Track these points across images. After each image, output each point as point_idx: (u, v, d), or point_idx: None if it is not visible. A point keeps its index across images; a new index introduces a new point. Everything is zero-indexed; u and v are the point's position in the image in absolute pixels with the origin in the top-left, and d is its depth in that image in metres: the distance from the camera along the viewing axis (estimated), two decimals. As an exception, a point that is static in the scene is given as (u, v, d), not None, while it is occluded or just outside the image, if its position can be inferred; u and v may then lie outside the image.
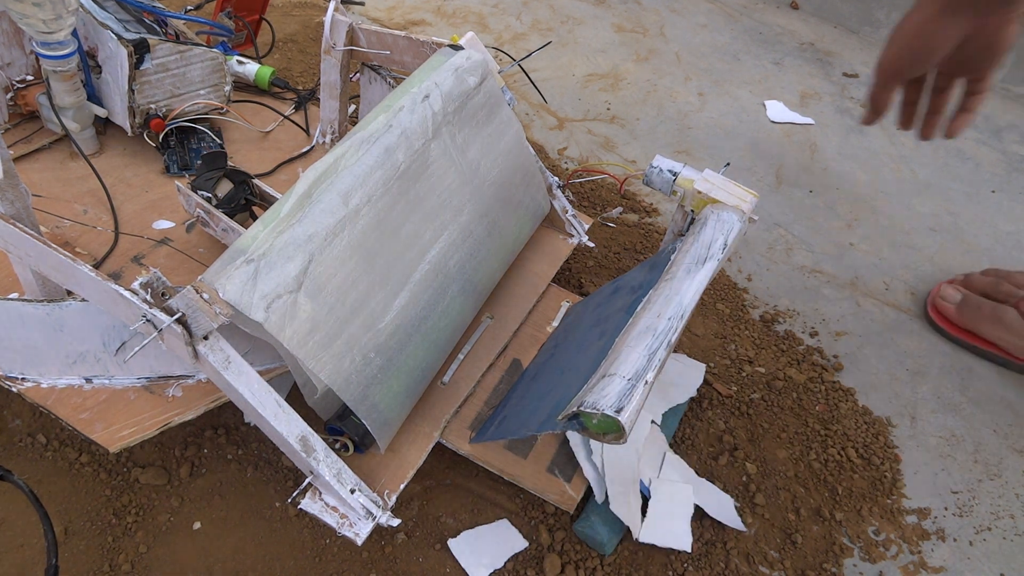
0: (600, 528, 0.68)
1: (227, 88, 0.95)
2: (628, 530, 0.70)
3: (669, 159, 0.73)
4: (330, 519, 0.60)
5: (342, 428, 0.63)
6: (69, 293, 0.68)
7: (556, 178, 0.87)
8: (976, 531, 0.77)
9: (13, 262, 0.69)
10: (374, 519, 0.60)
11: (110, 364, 0.66)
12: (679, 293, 0.60)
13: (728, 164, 0.79)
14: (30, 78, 0.92)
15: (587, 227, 0.89)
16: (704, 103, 1.32)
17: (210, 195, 0.79)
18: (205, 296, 0.53)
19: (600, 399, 0.51)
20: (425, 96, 0.70)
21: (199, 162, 0.90)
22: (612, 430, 0.52)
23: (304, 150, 0.98)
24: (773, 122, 1.29)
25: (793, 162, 1.21)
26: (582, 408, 0.52)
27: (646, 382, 0.53)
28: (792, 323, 0.95)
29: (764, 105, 1.33)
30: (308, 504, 0.61)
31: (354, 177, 0.63)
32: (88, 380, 0.67)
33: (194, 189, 0.79)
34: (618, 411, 0.50)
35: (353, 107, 1.05)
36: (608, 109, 1.28)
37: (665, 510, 0.71)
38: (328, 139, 0.98)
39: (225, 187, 0.80)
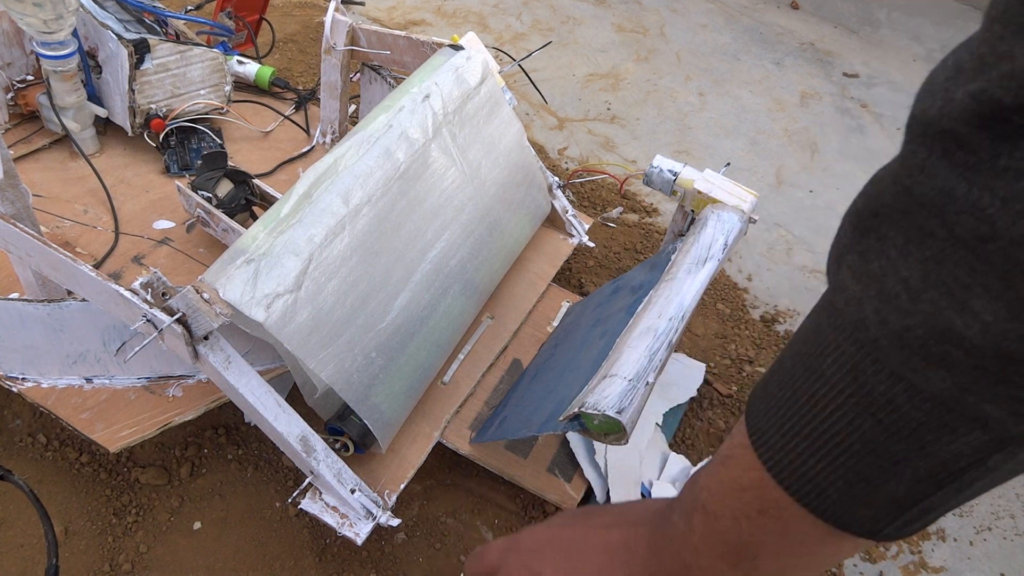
0: (600, 528, 0.68)
1: (227, 88, 0.95)
2: (628, 530, 0.70)
3: (669, 159, 0.73)
4: (330, 519, 0.60)
5: (342, 428, 0.63)
6: (69, 293, 0.68)
7: (556, 178, 0.87)
8: (976, 531, 0.77)
9: (13, 262, 0.69)
10: (374, 519, 0.60)
11: (110, 364, 0.66)
12: (680, 293, 0.60)
13: (728, 164, 0.79)
14: (30, 78, 0.92)
15: (587, 227, 0.89)
16: (704, 103, 1.32)
17: (210, 195, 0.79)
18: (205, 296, 0.53)
19: (601, 400, 0.51)
20: (425, 96, 0.70)
21: (199, 162, 0.90)
22: (613, 431, 0.52)
23: (304, 150, 0.98)
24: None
25: (793, 162, 1.21)
26: (583, 409, 0.52)
27: (647, 383, 0.52)
28: (792, 323, 0.95)
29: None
30: (308, 504, 0.61)
31: (354, 177, 0.63)
32: (88, 380, 0.67)
33: (194, 189, 0.79)
34: (619, 412, 0.50)
35: (353, 107, 1.05)
36: (608, 109, 1.28)
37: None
38: (328, 139, 0.98)
39: (225, 187, 0.80)
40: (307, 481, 0.61)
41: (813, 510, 0.25)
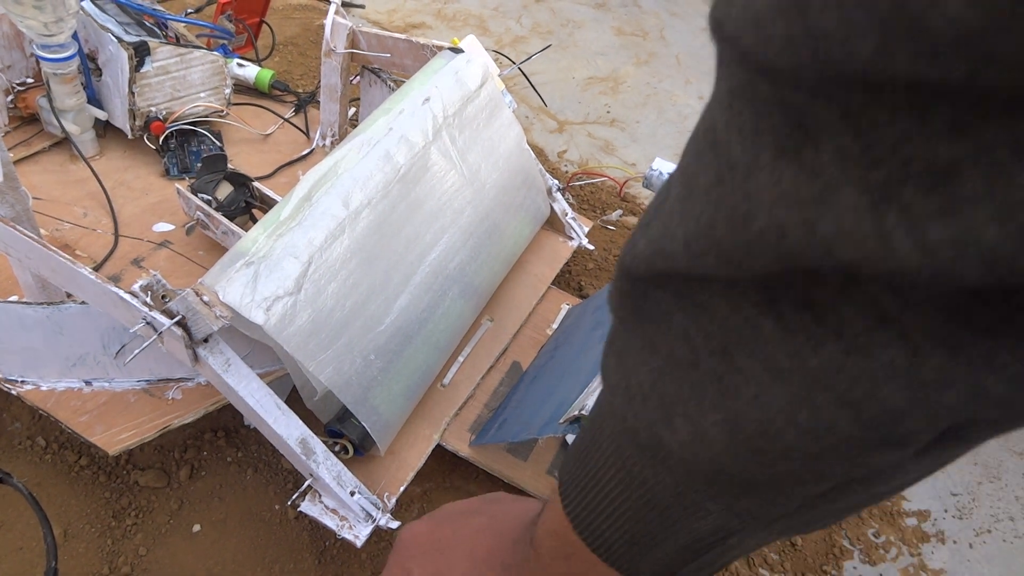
0: (600, 531, 0.68)
1: (227, 91, 0.95)
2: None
3: (669, 162, 0.74)
4: (330, 521, 0.60)
5: (342, 430, 0.63)
6: (69, 296, 0.68)
7: (556, 181, 0.87)
8: (976, 533, 0.77)
9: (13, 265, 0.69)
10: (374, 521, 0.60)
11: (110, 367, 0.66)
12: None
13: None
14: (30, 81, 0.92)
15: (587, 230, 0.90)
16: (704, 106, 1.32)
17: (210, 198, 0.79)
18: (205, 299, 0.53)
19: (600, 402, 0.51)
20: (426, 99, 0.70)
21: (199, 165, 0.90)
22: (612, 433, 0.52)
23: (304, 153, 0.98)
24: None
25: (792, 165, 1.21)
26: (584, 412, 0.52)
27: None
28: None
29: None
30: (308, 507, 0.61)
31: (354, 180, 0.63)
32: (88, 383, 0.67)
33: (194, 192, 0.79)
34: (618, 414, 0.50)
35: (353, 110, 1.05)
36: (608, 112, 1.28)
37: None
38: (328, 142, 0.98)
39: (225, 190, 0.80)
40: (306, 483, 0.61)
41: (605, 560, 0.28)
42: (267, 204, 0.82)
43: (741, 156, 0.19)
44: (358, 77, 0.93)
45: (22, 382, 0.66)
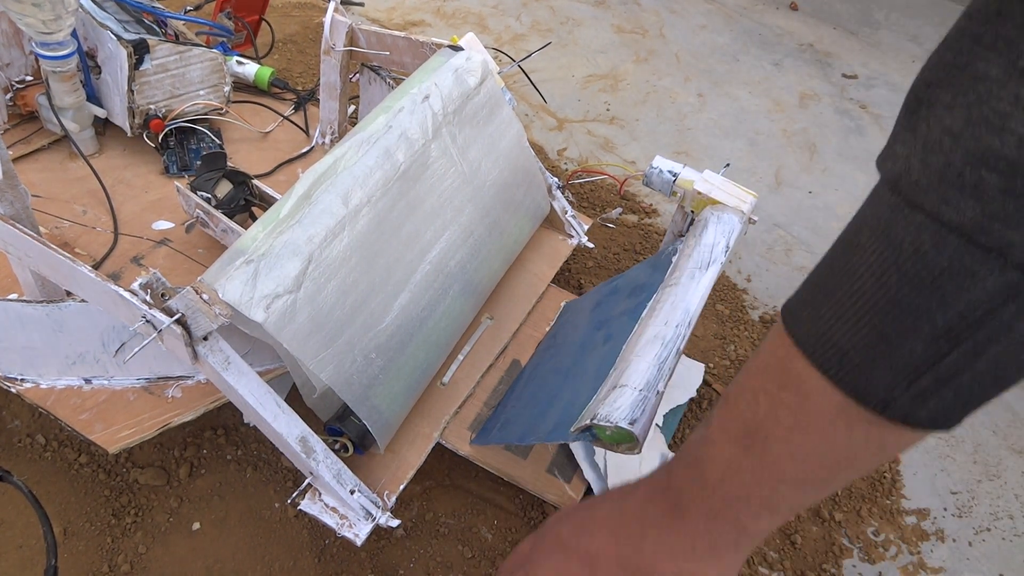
0: (600, 529, 0.68)
1: (227, 88, 0.95)
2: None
3: (669, 160, 0.74)
4: (330, 520, 0.60)
5: (342, 429, 0.63)
6: (68, 294, 0.68)
7: (556, 179, 0.87)
8: (975, 532, 0.77)
9: (12, 263, 0.69)
10: (374, 520, 0.60)
11: (109, 365, 0.66)
12: (685, 299, 0.60)
13: (728, 165, 0.79)
14: (29, 78, 0.92)
15: (587, 228, 0.89)
16: (703, 104, 1.32)
17: (209, 196, 0.79)
18: (205, 297, 0.52)
19: (613, 411, 0.51)
20: (425, 97, 0.70)
21: (199, 163, 0.90)
22: (626, 441, 0.52)
23: (304, 151, 0.98)
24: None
25: (793, 163, 1.21)
26: (595, 421, 0.52)
27: (658, 392, 0.53)
28: (791, 324, 0.95)
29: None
30: (308, 505, 0.61)
31: (354, 178, 0.63)
32: (87, 381, 0.67)
33: (194, 190, 0.79)
34: (631, 423, 0.50)
35: (353, 108, 1.05)
36: (608, 110, 1.28)
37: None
38: (327, 140, 0.98)
39: (224, 188, 0.80)
40: (306, 482, 0.61)
41: (832, 376, 0.27)
42: (266, 202, 0.81)
43: None
44: (357, 75, 0.93)
45: (21, 380, 0.66)
